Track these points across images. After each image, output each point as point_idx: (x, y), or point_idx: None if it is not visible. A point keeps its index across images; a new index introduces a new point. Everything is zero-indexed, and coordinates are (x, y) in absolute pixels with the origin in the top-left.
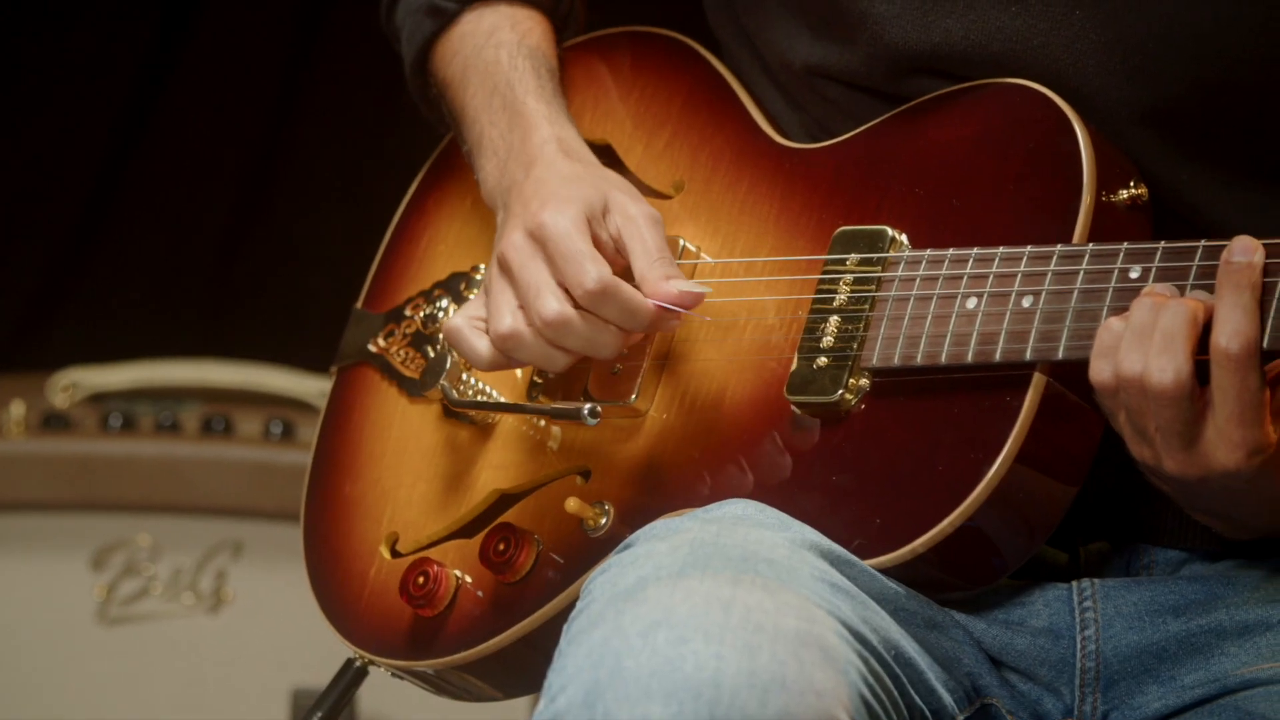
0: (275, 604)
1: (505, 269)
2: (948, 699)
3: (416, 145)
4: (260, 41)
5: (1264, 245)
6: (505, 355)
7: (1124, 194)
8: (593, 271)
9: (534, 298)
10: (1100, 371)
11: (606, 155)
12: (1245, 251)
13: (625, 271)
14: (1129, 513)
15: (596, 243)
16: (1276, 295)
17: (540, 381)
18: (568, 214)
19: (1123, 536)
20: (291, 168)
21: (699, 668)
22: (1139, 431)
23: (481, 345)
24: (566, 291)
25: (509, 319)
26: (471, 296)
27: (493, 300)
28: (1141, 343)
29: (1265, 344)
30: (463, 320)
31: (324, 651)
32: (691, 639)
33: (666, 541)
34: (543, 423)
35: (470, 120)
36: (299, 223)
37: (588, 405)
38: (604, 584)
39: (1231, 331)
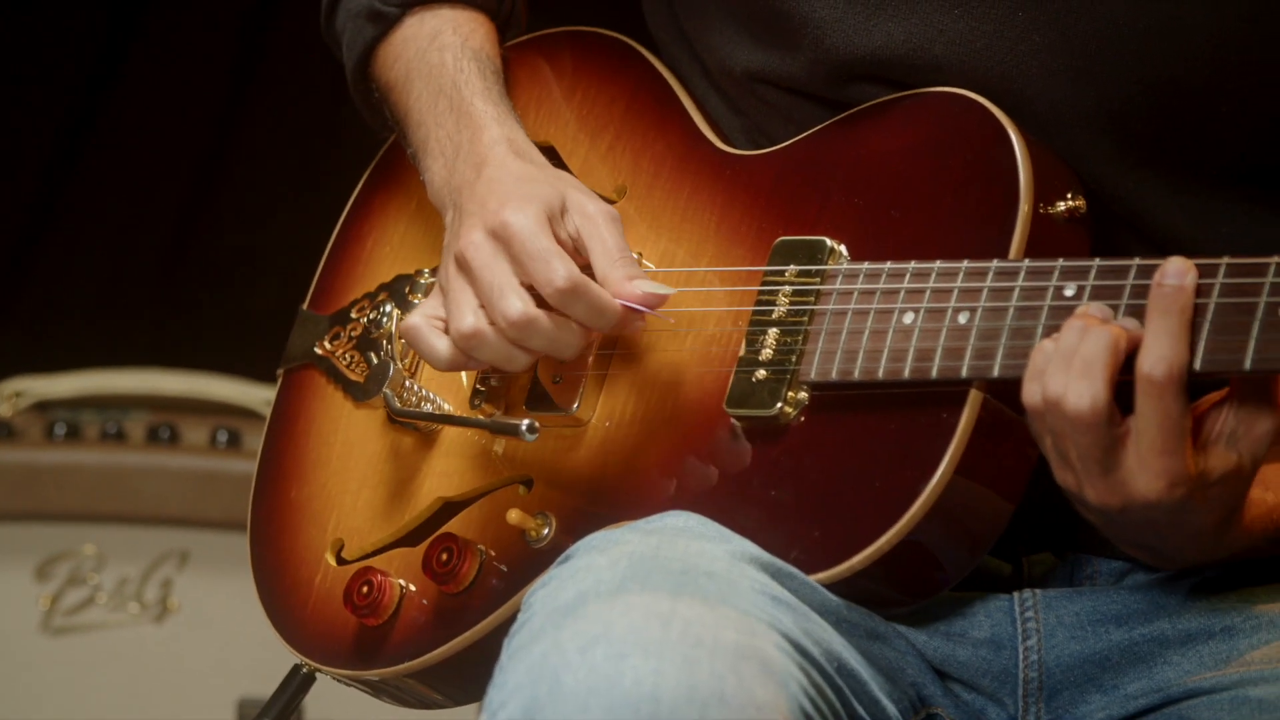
0: (221, 613)
1: (465, 268)
2: (892, 710)
3: (363, 152)
4: (205, 49)
5: (1197, 266)
6: (466, 355)
7: (1062, 206)
8: (561, 270)
9: (498, 298)
10: (1031, 394)
11: (550, 157)
12: (1177, 274)
13: (584, 271)
14: (1072, 523)
15: (556, 242)
16: (1208, 317)
17: (484, 389)
18: (529, 212)
19: (1066, 547)
20: (236, 176)
21: (637, 683)
22: (1062, 456)
23: (440, 344)
24: (529, 291)
25: (470, 318)
26: (416, 300)
27: (452, 300)
28: (1065, 366)
29: (1198, 366)
30: (421, 319)
31: (270, 660)
32: (630, 654)
33: (606, 554)
34: None
35: (415, 123)
36: (244, 231)
37: (525, 422)
38: (544, 598)
39: (1156, 357)
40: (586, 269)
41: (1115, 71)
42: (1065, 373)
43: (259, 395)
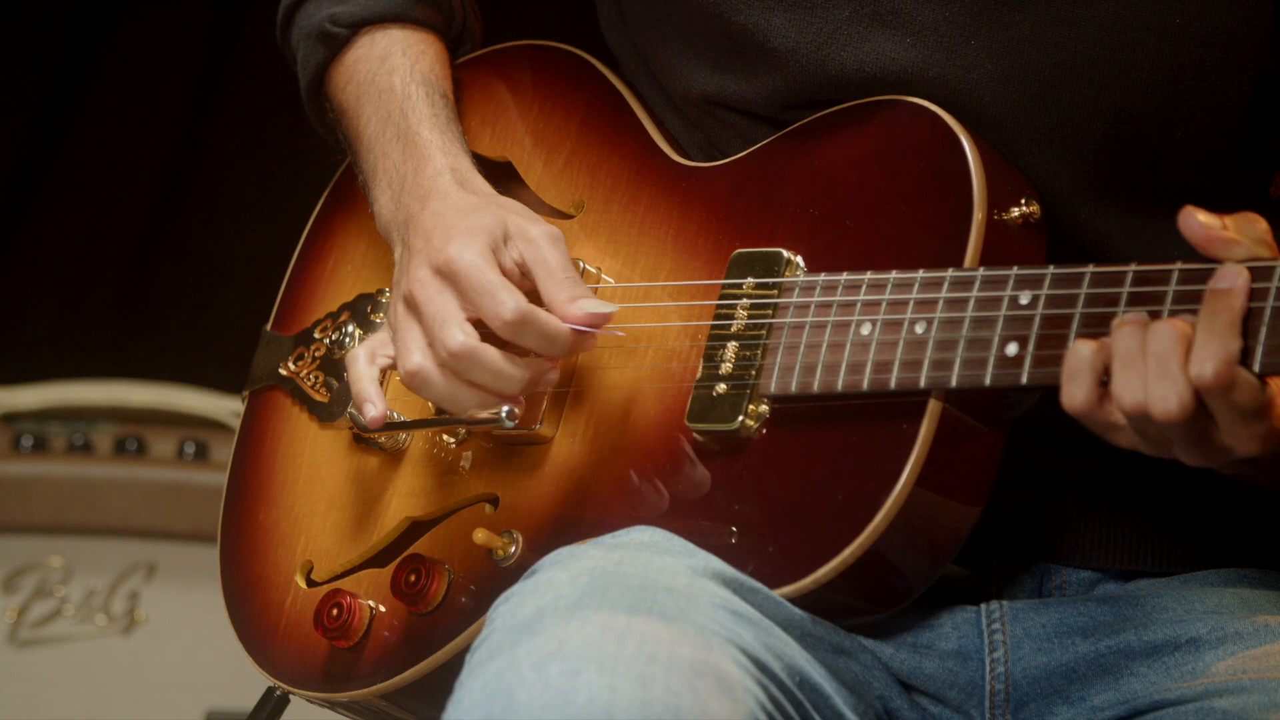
0: (189, 625)
1: (412, 306)
2: None
3: (327, 163)
4: (171, 60)
5: (1253, 269)
6: (413, 392)
7: (1016, 212)
8: (509, 302)
9: (439, 329)
10: (1072, 396)
11: (507, 173)
12: (1228, 278)
13: (531, 294)
14: (1040, 534)
15: (502, 271)
16: (1265, 320)
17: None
18: (473, 247)
19: (1035, 557)
20: (202, 187)
21: (591, 700)
22: (1154, 443)
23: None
24: (476, 325)
25: (417, 356)
26: (378, 319)
27: (400, 339)
28: (1136, 370)
29: (1257, 368)
30: (365, 352)
31: (238, 673)
32: (584, 670)
33: (567, 570)
34: (453, 445)
35: (365, 149)
36: (211, 242)
37: (505, 408)
38: (505, 614)
39: (1204, 356)
40: (534, 293)
41: (1069, 100)
42: (1140, 377)
43: (226, 407)
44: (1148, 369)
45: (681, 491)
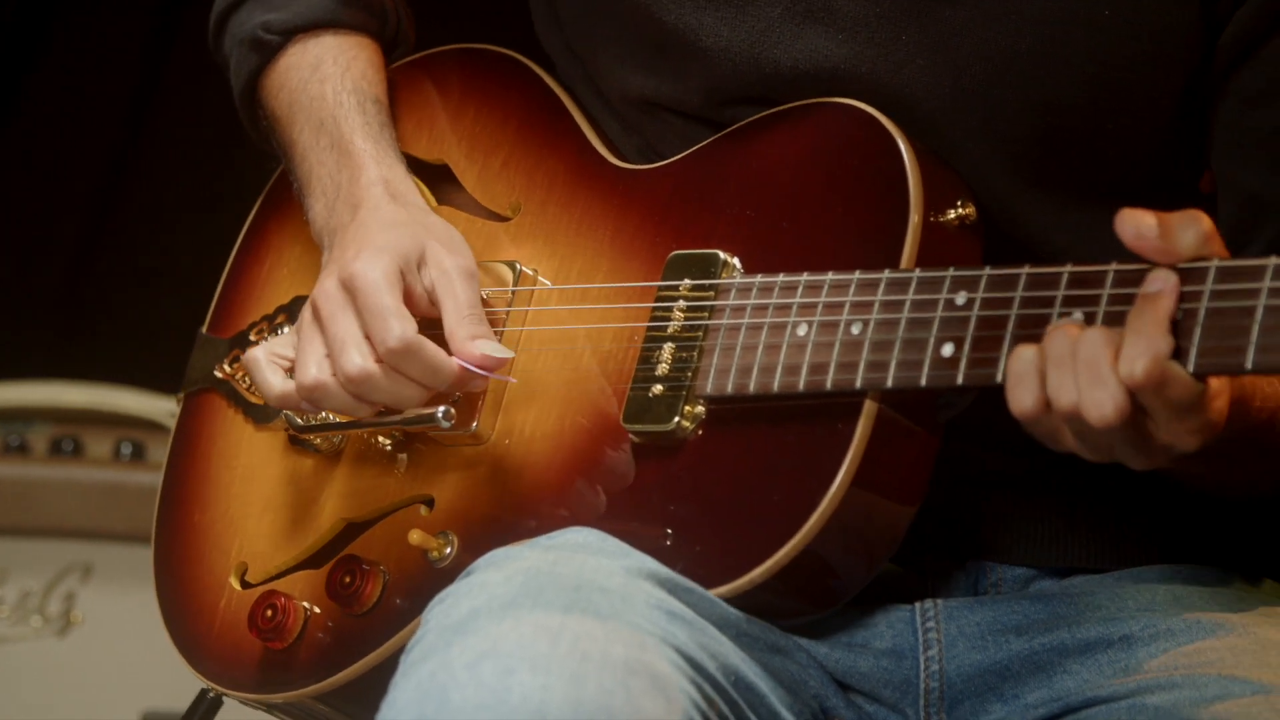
0: (125, 626)
1: (317, 317)
2: None
3: (263, 167)
4: (109, 61)
5: (1184, 270)
6: (309, 404)
7: (952, 214)
8: (396, 329)
9: (339, 351)
10: (1020, 401)
11: (444, 176)
12: (1158, 281)
13: (441, 322)
14: (975, 532)
15: (410, 294)
16: (1200, 320)
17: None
18: (379, 266)
19: (969, 555)
20: (140, 187)
21: (525, 699)
22: (1095, 448)
23: (275, 381)
24: (373, 346)
25: (314, 370)
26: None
27: (301, 349)
28: (1068, 373)
29: (1192, 368)
30: (263, 353)
31: (174, 674)
32: (518, 670)
33: (502, 570)
34: (389, 446)
35: (299, 157)
36: (148, 243)
37: (441, 408)
38: (439, 614)
39: (1133, 355)
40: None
41: (1000, 94)
42: (1071, 381)
43: (163, 407)
44: (1079, 375)
45: (618, 492)
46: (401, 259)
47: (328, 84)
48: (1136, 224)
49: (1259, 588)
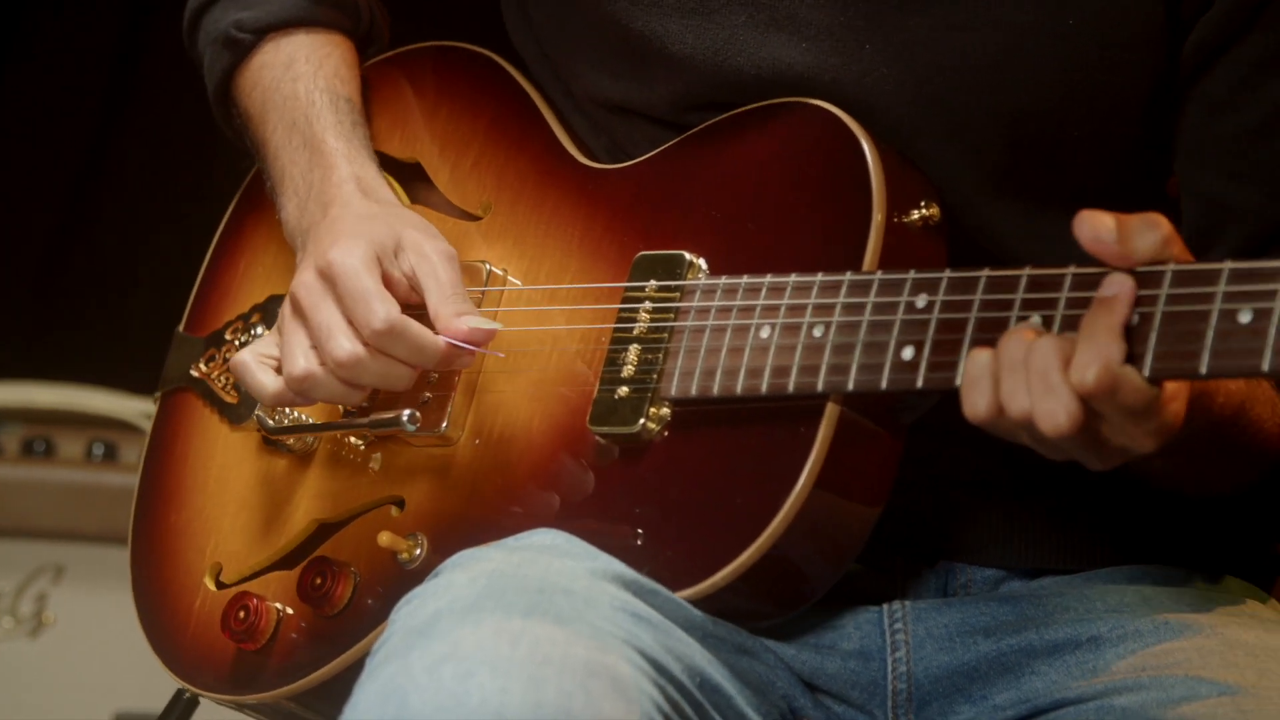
0: (97, 627)
1: (297, 309)
2: None
3: (239, 165)
4: (82, 59)
5: (1140, 275)
6: (301, 395)
7: (916, 214)
8: (380, 311)
9: (325, 338)
10: (974, 405)
11: (416, 174)
12: (1113, 286)
13: (421, 308)
14: (944, 533)
15: (388, 280)
16: (1155, 325)
17: (354, 410)
18: (356, 252)
19: (938, 557)
20: (112, 187)
21: (484, 702)
22: (1052, 450)
23: (267, 380)
24: (358, 330)
25: (302, 361)
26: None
27: (286, 342)
28: (1021, 381)
29: (1147, 373)
30: (250, 356)
31: (147, 675)
32: (477, 673)
33: (467, 572)
34: (362, 446)
35: (272, 156)
36: (120, 243)
37: (406, 411)
38: (404, 616)
39: (1084, 362)
40: (423, 306)
41: (965, 102)
42: (1024, 389)
43: (135, 408)
44: (1031, 384)
45: (584, 494)
46: (377, 246)
47: (300, 82)
48: (1094, 226)
49: (1227, 588)
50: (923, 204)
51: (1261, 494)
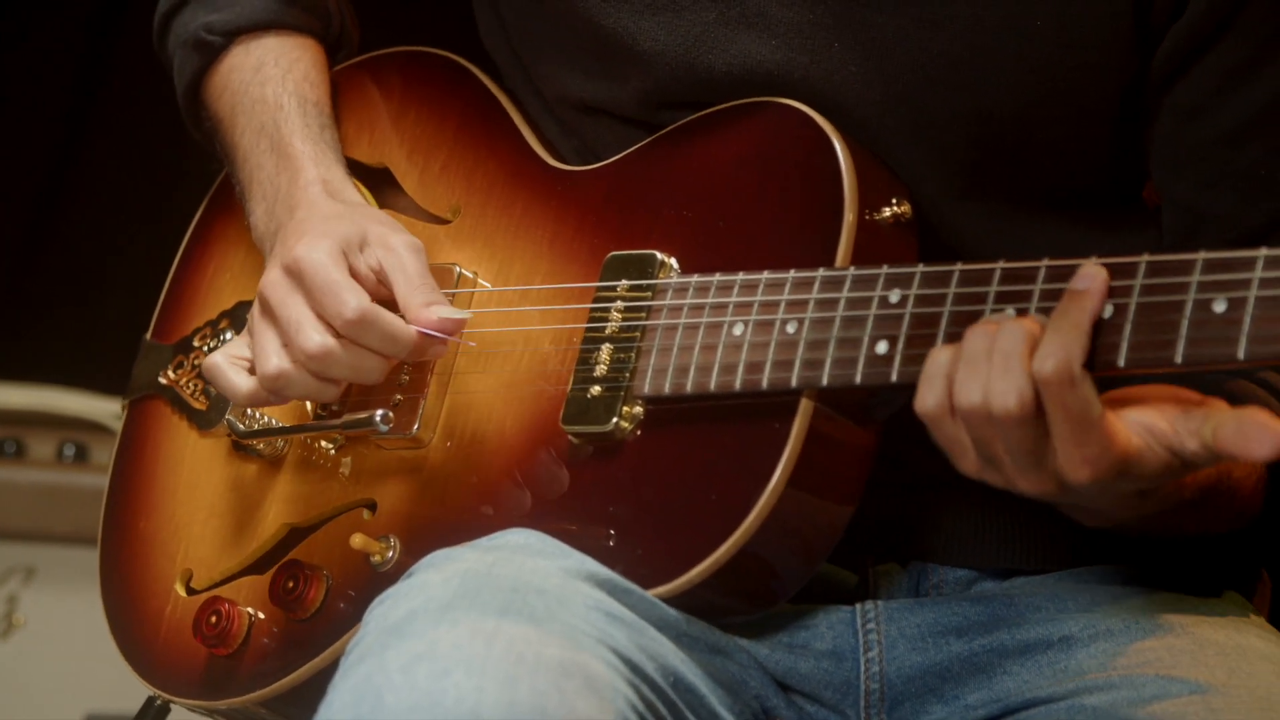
0: (68, 629)
1: (265, 308)
2: None
3: (211, 165)
4: (51, 60)
5: (1113, 266)
6: (275, 394)
7: (887, 211)
8: (351, 301)
9: (295, 333)
10: (923, 400)
11: (385, 179)
12: (1085, 278)
13: (390, 302)
14: (916, 534)
15: (355, 274)
16: (1130, 316)
17: (324, 413)
18: (321, 247)
19: (911, 556)
20: (83, 188)
21: (459, 701)
22: (988, 459)
23: (240, 382)
24: (328, 323)
25: (274, 359)
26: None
27: (257, 341)
28: (981, 367)
29: (1122, 363)
30: (222, 358)
31: (118, 677)
32: (453, 672)
33: (441, 572)
34: (332, 450)
35: (241, 160)
36: (91, 244)
37: (380, 412)
38: (378, 616)
39: (1046, 353)
40: (389, 300)
41: (931, 101)
42: (984, 374)
43: (107, 408)
44: (992, 366)
45: (558, 494)
46: (342, 241)
47: (269, 86)
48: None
49: (1198, 588)
50: (894, 201)
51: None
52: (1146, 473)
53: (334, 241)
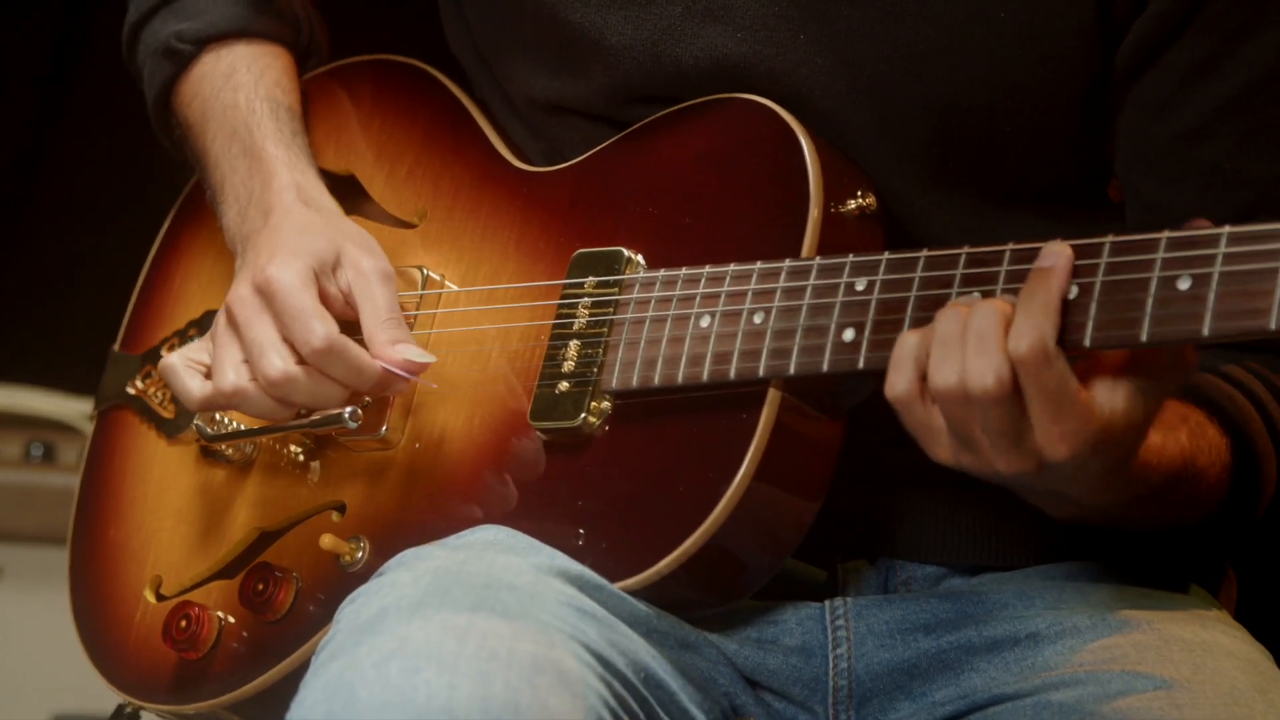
0: (36, 629)
1: (231, 322)
2: (702, 719)
3: (179, 168)
4: (19, 61)
5: (1079, 246)
6: (228, 406)
7: (852, 204)
8: (319, 330)
9: (258, 355)
10: (894, 385)
11: (350, 185)
12: (1050, 256)
13: (357, 324)
14: (885, 530)
15: (325, 296)
16: (1095, 295)
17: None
18: (294, 268)
19: (879, 553)
20: (52, 187)
21: (431, 697)
22: (963, 441)
23: (194, 386)
24: (292, 347)
25: (231, 375)
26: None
27: (218, 353)
28: (955, 349)
29: (1088, 343)
30: (178, 359)
31: (86, 678)
32: (425, 669)
33: (411, 570)
34: (301, 454)
35: (212, 165)
36: (59, 243)
37: (348, 409)
38: (349, 614)
39: (1020, 333)
40: (359, 322)
41: (899, 94)
42: (960, 355)
43: (74, 409)
44: (967, 347)
45: (527, 490)
46: (316, 262)
47: (241, 92)
48: None
49: (1165, 584)
50: (860, 194)
51: (1190, 532)
52: (1117, 437)
53: (306, 261)
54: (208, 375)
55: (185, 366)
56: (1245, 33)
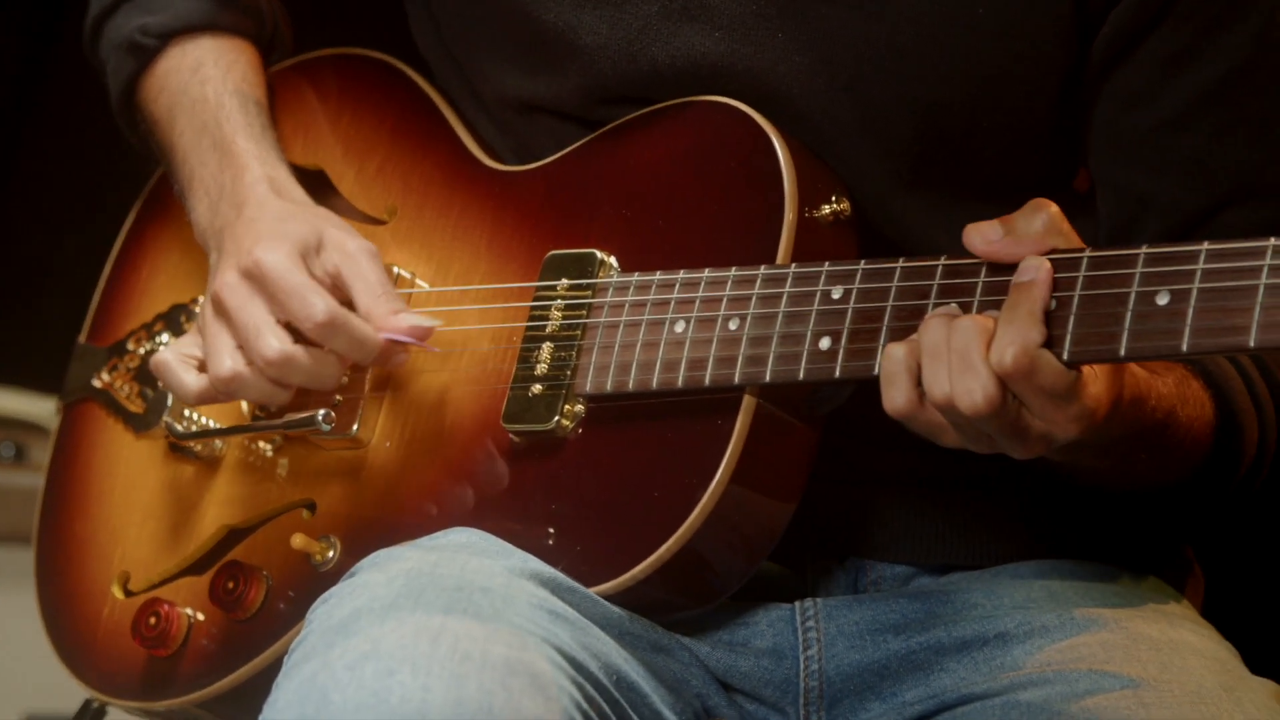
0: (6, 629)
1: (220, 310)
2: None
3: (148, 165)
4: None
5: (1057, 260)
6: (226, 395)
7: (827, 209)
8: (320, 304)
9: (254, 338)
10: (892, 400)
11: (319, 181)
12: (1030, 270)
13: (346, 306)
14: (854, 530)
15: (311, 278)
16: (1073, 309)
17: (262, 414)
18: (281, 250)
19: (848, 553)
20: (19, 187)
21: (405, 699)
22: (976, 438)
23: (190, 380)
24: (286, 328)
25: (228, 361)
26: (191, 329)
27: (210, 343)
28: (941, 364)
29: (1066, 356)
30: (172, 355)
31: (56, 677)
32: (399, 670)
33: (384, 572)
34: (269, 451)
35: (180, 160)
36: (29, 242)
37: (322, 411)
38: (322, 615)
39: (1004, 344)
40: (346, 305)
41: (876, 91)
42: (944, 372)
43: (45, 408)
44: (951, 364)
45: (499, 492)
46: (300, 244)
47: (209, 85)
48: (981, 232)
49: (1133, 583)
50: (834, 199)
51: (1171, 494)
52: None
53: (292, 244)
54: (201, 368)
55: (179, 361)
56: (1222, 23)
